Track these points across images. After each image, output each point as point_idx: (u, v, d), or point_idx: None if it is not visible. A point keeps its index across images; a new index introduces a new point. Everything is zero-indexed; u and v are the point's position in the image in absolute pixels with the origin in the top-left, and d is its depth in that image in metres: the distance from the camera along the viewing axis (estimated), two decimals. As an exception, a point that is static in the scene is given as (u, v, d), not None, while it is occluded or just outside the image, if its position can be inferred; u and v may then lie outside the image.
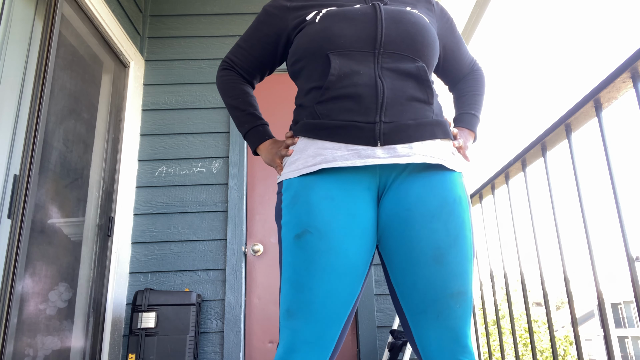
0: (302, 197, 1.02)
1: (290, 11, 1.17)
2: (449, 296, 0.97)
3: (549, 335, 1.64)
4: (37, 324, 1.90)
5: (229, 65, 1.27)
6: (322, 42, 1.06)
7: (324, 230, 0.99)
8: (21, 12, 1.87)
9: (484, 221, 2.14)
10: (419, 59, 1.07)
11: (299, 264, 0.99)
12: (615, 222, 1.23)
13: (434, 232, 0.99)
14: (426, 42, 1.08)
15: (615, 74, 1.17)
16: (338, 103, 1.03)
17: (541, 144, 1.60)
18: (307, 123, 1.07)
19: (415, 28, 1.08)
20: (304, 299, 0.97)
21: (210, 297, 2.63)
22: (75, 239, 2.23)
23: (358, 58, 1.04)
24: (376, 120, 1.01)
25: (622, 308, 29.58)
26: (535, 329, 15.70)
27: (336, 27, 1.06)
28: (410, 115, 1.03)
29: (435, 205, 1.00)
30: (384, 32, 1.05)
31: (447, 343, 0.98)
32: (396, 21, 1.07)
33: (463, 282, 0.98)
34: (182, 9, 3.17)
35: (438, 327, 0.98)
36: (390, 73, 1.04)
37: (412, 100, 1.04)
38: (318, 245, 0.98)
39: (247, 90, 1.25)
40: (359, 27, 1.05)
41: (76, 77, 2.30)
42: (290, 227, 1.02)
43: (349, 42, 1.05)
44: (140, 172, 2.83)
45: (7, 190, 1.71)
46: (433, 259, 0.98)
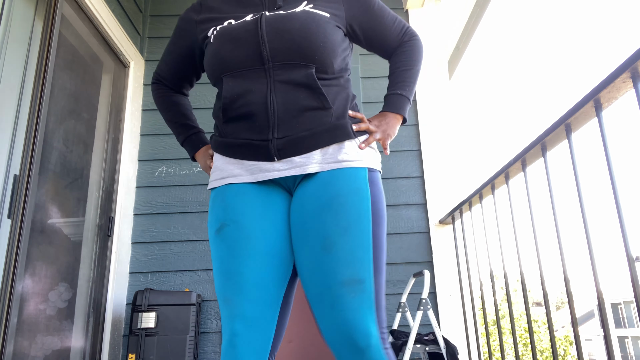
0: (218, 198, 1.10)
1: (197, 24, 1.21)
2: (340, 284, 0.97)
3: (549, 335, 1.64)
4: (37, 324, 1.90)
5: (156, 79, 1.34)
6: (216, 66, 1.11)
7: (240, 221, 1.05)
8: (21, 12, 1.87)
9: (484, 221, 2.14)
10: (310, 63, 1.07)
11: (223, 255, 1.05)
12: (615, 222, 1.23)
13: (323, 223, 1.01)
14: (314, 45, 1.07)
15: (615, 74, 1.17)
16: (237, 123, 1.10)
17: (541, 144, 1.60)
18: (215, 140, 1.16)
19: (300, 33, 1.07)
20: (235, 283, 1.02)
21: (210, 297, 2.63)
22: (75, 239, 2.23)
23: (251, 76, 1.08)
24: (269, 137, 1.06)
25: (622, 308, 29.57)
26: (535, 329, 15.70)
27: (225, 49, 1.09)
28: (304, 126, 1.06)
29: (327, 198, 1.03)
30: (268, 46, 1.07)
31: (344, 331, 0.96)
32: (279, 31, 1.07)
33: (356, 269, 0.98)
34: (182, 9, 3.17)
35: (335, 317, 0.97)
36: (282, 86, 1.07)
37: (306, 110, 1.07)
38: (237, 235, 1.04)
39: (178, 101, 1.31)
40: (245, 46, 1.07)
41: (76, 77, 2.30)
42: (211, 225, 1.09)
43: (239, 63, 1.08)
44: (140, 172, 2.83)
45: (7, 190, 1.71)
46: (322, 247, 1.00)
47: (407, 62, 1.22)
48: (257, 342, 1.01)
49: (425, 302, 2.22)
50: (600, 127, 1.30)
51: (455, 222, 2.58)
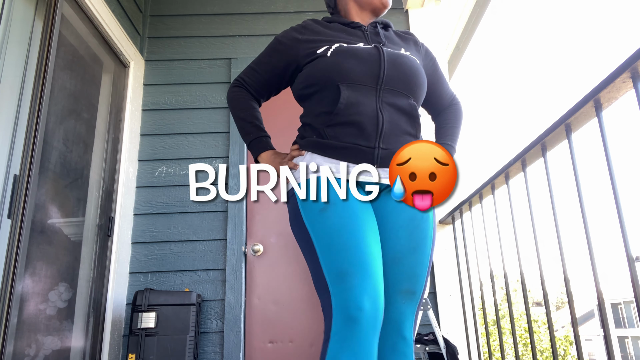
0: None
1: (301, 43, 1.32)
2: (398, 292, 1.14)
3: (549, 335, 1.64)
4: (37, 324, 1.90)
5: (240, 83, 1.41)
6: (334, 74, 1.23)
7: (344, 202, 1.13)
8: (21, 12, 1.87)
9: (484, 221, 2.14)
10: (411, 96, 1.26)
11: (335, 229, 1.10)
12: (615, 222, 1.23)
13: (398, 239, 1.17)
14: (418, 82, 1.28)
15: (615, 74, 1.17)
16: (345, 128, 1.21)
17: (541, 144, 1.60)
18: (316, 141, 1.23)
19: (411, 70, 1.27)
20: (354, 255, 1.06)
21: (210, 297, 2.63)
22: (75, 239, 2.23)
23: (363, 91, 1.22)
24: (375, 145, 1.20)
25: (622, 308, 29.57)
26: (535, 329, 15.70)
27: (347, 62, 1.23)
28: (401, 145, 1.17)
29: (404, 218, 1.19)
30: (386, 72, 1.23)
31: (390, 333, 1.11)
32: (395, 63, 1.26)
33: (414, 283, 1.15)
34: (182, 9, 3.17)
35: (385, 317, 1.11)
36: (388, 107, 1.22)
37: (404, 133, 1.24)
38: (345, 212, 1.12)
39: (254, 106, 1.40)
40: (366, 65, 1.23)
41: (76, 77, 2.30)
42: (311, 208, 1.15)
43: (357, 77, 1.22)
44: (140, 172, 2.83)
45: (7, 190, 1.71)
46: (391, 260, 1.15)
47: (455, 121, 1.45)
48: (378, 320, 1.05)
49: (425, 302, 2.22)
50: (600, 127, 1.30)
51: (455, 222, 2.58)
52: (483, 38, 75.41)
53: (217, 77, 3.02)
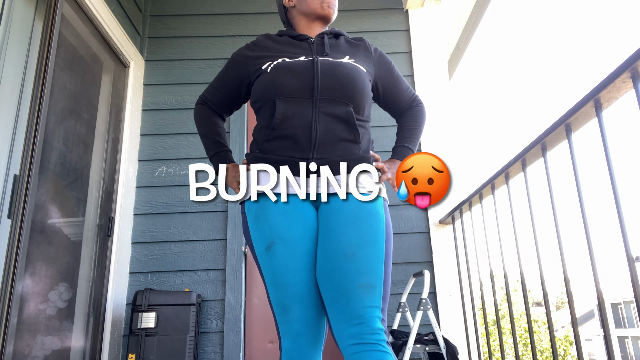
0: (261, 215, 1.26)
1: (251, 59, 1.41)
2: (357, 287, 1.17)
3: (549, 335, 1.64)
4: (37, 324, 1.90)
5: (202, 101, 1.52)
6: (271, 89, 1.31)
7: (287, 238, 1.23)
8: (21, 12, 1.87)
9: (484, 221, 2.14)
10: (350, 103, 1.31)
11: (276, 269, 1.22)
12: (615, 222, 1.23)
13: (346, 235, 1.22)
14: (355, 89, 1.32)
15: (615, 74, 1.17)
16: (281, 141, 1.28)
17: (541, 144, 1.60)
18: (255, 156, 1.32)
19: (347, 79, 1.31)
20: (292, 293, 1.20)
21: (210, 297, 2.63)
22: (75, 239, 2.23)
23: (300, 103, 1.29)
24: (309, 157, 1.26)
25: (622, 308, 29.56)
26: (535, 329, 15.70)
27: (283, 78, 1.31)
28: (338, 152, 1.28)
29: (351, 215, 1.24)
30: (320, 83, 1.29)
31: (355, 327, 1.14)
32: (330, 73, 1.31)
33: (372, 277, 1.19)
34: (182, 9, 3.17)
35: (347, 313, 1.16)
36: (325, 117, 1.28)
37: (341, 140, 1.29)
38: (285, 252, 1.22)
39: (216, 122, 1.49)
40: (300, 78, 1.30)
41: (76, 77, 2.30)
42: (259, 242, 1.25)
43: (292, 91, 1.29)
44: (140, 172, 2.83)
45: (7, 190, 1.71)
46: (344, 256, 1.20)
47: (415, 122, 1.49)
48: (316, 339, 1.22)
49: (425, 302, 2.22)
50: (600, 127, 1.30)
51: (455, 222, 2.58)
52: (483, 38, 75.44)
53: (217, 77, 3.02)
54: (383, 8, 3.17)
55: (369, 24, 3.16)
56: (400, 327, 2.50)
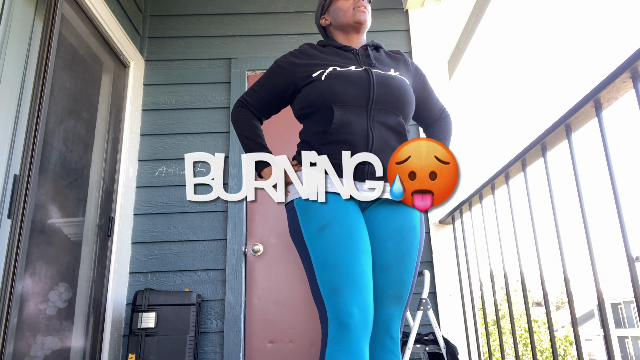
0: (314, 204, 1.28)
1: (298, 67, 1.44)
2: (387, 297, 1.25)
3: (549, 335, 1.64)
4: (37, 324, 1.90)
5: (243, 104, 1.52)
6: (328, 96, 1.34)
7: (342, 221, 1.23)
8: (21, 12, 1.87)
9: (484, 221, 2.14)
10: (400, 114, 1.38)
11: (329, 249, 1.21)
12: (615, 222, 1.23)
13: (386, 249, 1.28)
14: (406, 101, 1.39)
15: (615, 74, 1.17)
16: (338, 146, 1.31)
17: (541, 144, 1.60)
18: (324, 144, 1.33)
19: (399, 91, 1.38)
20: (345, 273, 1.18)
21: (210, 297, 2.63)
22: (75, 239, 2.23)
23: (355, 111, 1.33)
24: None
25: (622, 308, 29.55)
26: (535, 329, 15.69)
27: (339, 86, 1.34)
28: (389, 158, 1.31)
29: (392, 229, 1.29)
30: (375, 93, 1.34)
31: (378, 333, 1.22)
32: (384, 85, 1.36)
33: (401, 289, 1.26)
34: (182, 9, 3.17)
35: (375, 316, 1.23)
36: (378, 125, 1.33)
37: (393, 149, 1.32)
38: (341, 232, 1.22)
39: (256, 124, 1.50)
40: (357, 88, 1.34)
41: (76, 77, 2.30)
42: (311, 225, 1.26)
43: (348, 99, 1.33)
44: (140, 172, 2.83)
45: (7, 190, 1.71)
46: (380, 267, 1.26)
47: (444, 133, 1.57)
48: (366, 323, 1.18)
49: (425, 302, 2.22)
50: (600, 127, 1.30)
51: (455, 222, 2.58)
52: (483, 38, 75.77)
53: (217, 77, 3.02)
54: (383, 8, 3.17)
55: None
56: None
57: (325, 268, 1.20)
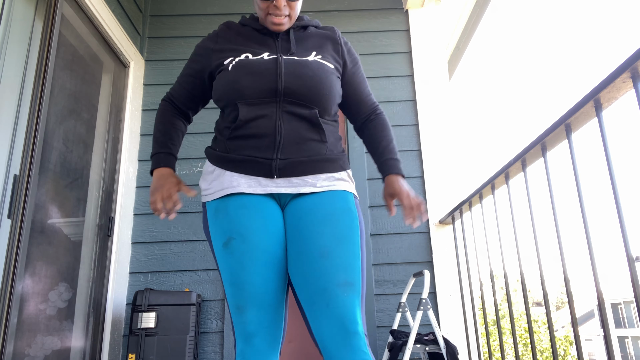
0: (221, 210, 1.23)
1: (213, 53, 1.34)
2: (336, 285, 1.13)
3: (549, 335, 1.64)
4: (37, 324, 1.90)
5: (167, 98, 1.44)
6: (232, 93, 1.25)
7: (245, 234, 1.18)
8: (21, 12, 1.87)
9: (484, 221, 2.14)
10: (314, 107, 1.26)
11: (233, 267, 1.17)
12: (615, 222, 1.23)
13: (320, 234, 1.18)
14: (321, 93, 1.26)
15: (615, 74, 1.17)
16: (244, 141, 1.24)
17: (541, 144, 1.60)
18: (219, 155, 1.28)
19: (312, 81, 1.25)
20: (247, 293, 1.15)
21: (210, 297, 2.63)
22: (75, 239, 2.23)
23: (262, 105, 1.24)
24: (273, 157, 1.23)
25: (622, 308, 29.56)
26: (535, 329, 15.69)
27: (244, 80, 1.24)
28: (304, 153, 1.25)
29: (323, 214, 1.21)
30: (284, 85, 1.23)
31: (337, 329, 1.10)
32: (295, 75, 1.25)
33: (350, 274, 1.15)
34: (182, 9, 3.17)
35: (328, 315, 1.11)
36: (289, 116, 1.25)
37: (307, 140, 1.25)
38: (243, 247, 1.17)
39: (173, 122, 1.41)
40: (263, 81, 1.24)
41: (76, 77, 2.30)
42: (217, 238, 1.21)
43: (254, 94, 1.24)
44: (140, 172, 2.83)
45: (7, 190, 1.71)
46: (319, 254, 1.16)
47: (390, 135, 1.41)
48: (271, 340, 1.16)
49: (425, 302, 2.22)
50: (600, 127, 1.30)
51: (455, 222, 2.58)
52: (483, 38, 75.78)
53: (217, 77, 3.02)
54: (383, 8, 3.17)
55: (369, 24, 3.16)
56: (400, 327, 2.50)
57: (230, 286, 1.17)
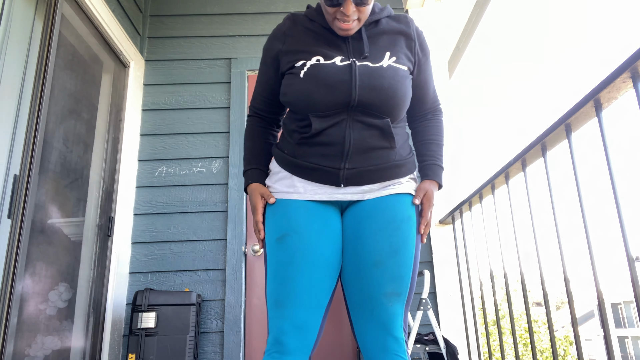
0: (280, 208, 1.24)
1: (283, 55, 1.29)
2: (383, 295, 1.15)
3: (549, 335, 1.64)
4: (37, 324, 1.90)
5: (252, 112, 1.43)
6: (304, 104, 1.22)
7: (301, 232, 1.19)
8: (21, 12, 1.87)
9: (484, 221, 2.14)
10: (386, 117, 1.23)
11: (282, 261, 1.18)
12: (615, 222, 1.23)
13: (377, 243, 1.19)
14: (395, 103, 1.22)
15: (615, 74, 1.17)
16: (312, 148, 1.24)
17: (541, 144, 1.60)
18: (284, 158, 1.29)
19: (387, 93, 1.21)
20: (290, 289, 1.15)
21: (210, 297, 2.63)
22: (75, 239, 2.23)
23: (333, 116, 1.21)
24: (340, 167, 1.22)
25: (622, 308, 29.56)
26: (535, 329, 15.69)
27: (316, 93, 1.20)
28: (372, 161, 1.24)
29: (383, 222, 1.21)
30: (357, 99, 1.19)
31: (379, 334, 1.14)
32: (370, 88, 1.20)
33: (398, 285, 1.16)
34: (182, 9, 3.17)
35: (372, 320, 1.15)
36: (359, 124, 1.22)
37: (376, 149, 1.24)
38: (297, 245, 1.18)
39: (262, 136, 1.40)
40: (336, 94, 1.20)
41: (76, 77, 2.30)
42: (272, 232, 1.22)
43: (326, 108, 1.21)
44: (140, 172, 2.83)
45: (7, 190, 1.71)
46: (373, 263, 1.17)
47: (440, 137, 1.39)
48: (303, 342, 1.15)
49: (425, 302, 2.22)
50: (600, 127, 1.30)
51: (455, 222, 2.58)
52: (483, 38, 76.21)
53: (217, 77, 3.03)
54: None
55: (369, 24, 3.15)
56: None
57: (274, 280, 1.17)
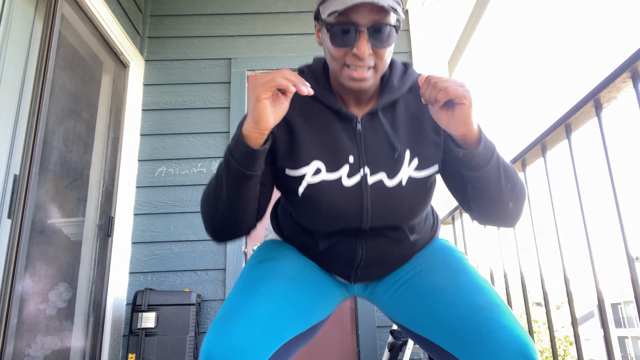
0: (278, 243, 1.12)
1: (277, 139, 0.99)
2: (480, 308, 0.90)
3: (549, 335, 1.64)
4: (37, 324, 1.90)
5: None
6: (305, 222, 1.05)
7: (287, 264, 1.03)
8: (21, 12, 1.87)
9: (484, 221, 2.14)
10: (404, 228, 1.05)
11: (252, 277, 0.98)
12: (615, 222, 1.23)
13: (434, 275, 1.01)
14: (414, 218, 1.04)
15: (615, 74, 1.17)
16: (318, 256, 1.08)
17: (541, 144, 1.60)
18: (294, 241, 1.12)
19: (406, 212, 1.02)
20: (245, 302, 0.90)
21: (210, 297, 2.63)
22: (75, 239, 2.23)
23: (343, 234, 1.03)
24: (351, 274, 1.08)
25: (622, 308, 29.58)
26: (535, 329, 15.69)
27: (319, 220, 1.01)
28: (388, 267, 1.09)
29: (423, 261, 1.07)
30: (370, 225, 1.01)
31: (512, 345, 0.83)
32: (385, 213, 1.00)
33: (488, 296, 0.93)
34: (182, 9, 3.17)
35: (487, 341, 0.85)
36: (372, 235, 1.03)
37: (393, 255, 1.08)
38: (277, 267, 1.01)
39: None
40: (342, 223, 1.00)
41: (76, 77, 2.30)
42: (255, 257, 1.08)
43: (333, 232, 1.03)
44: (140, 172, 2.83)
45: (7, 190, 1.71)
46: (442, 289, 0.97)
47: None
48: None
49: (425, 302, 2.21)
50: (600, 127, 1.30)
51: (455, 222, 2.58)
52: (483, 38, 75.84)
53: (217, 77, 3.03)
54: (383, 8, 3.17)
55: (369, 24, 3.16)
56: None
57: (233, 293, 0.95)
